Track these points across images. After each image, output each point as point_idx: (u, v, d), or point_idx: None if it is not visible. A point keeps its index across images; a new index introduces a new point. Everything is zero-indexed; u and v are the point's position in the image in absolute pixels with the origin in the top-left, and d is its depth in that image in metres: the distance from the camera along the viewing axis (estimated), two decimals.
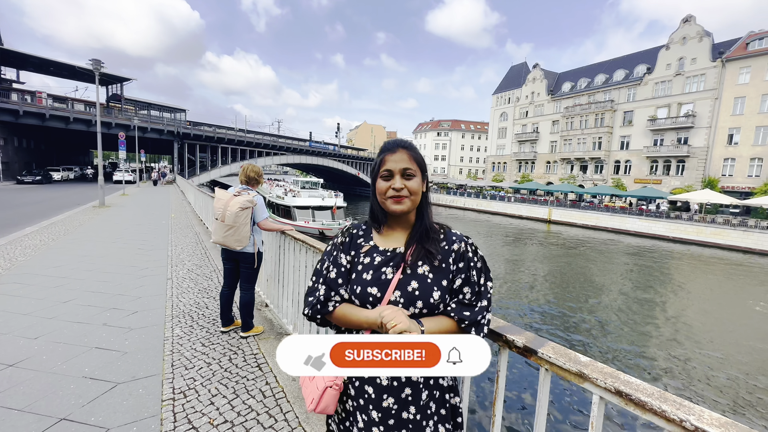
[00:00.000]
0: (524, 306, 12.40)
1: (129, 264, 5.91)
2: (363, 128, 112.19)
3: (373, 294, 1.00)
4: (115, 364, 2.84)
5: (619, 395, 0.87)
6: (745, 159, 31.89)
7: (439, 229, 1.10)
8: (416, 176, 1.04)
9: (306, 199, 23.46)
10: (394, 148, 1.06)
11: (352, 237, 1.11)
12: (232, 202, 3.14)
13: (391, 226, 1.10)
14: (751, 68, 31.67)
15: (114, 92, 44.12)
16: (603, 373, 0.93)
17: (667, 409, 0.78)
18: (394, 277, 1.00)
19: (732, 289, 16.33)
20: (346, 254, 1.08)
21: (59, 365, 2.78)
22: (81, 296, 4.34)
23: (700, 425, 0.73)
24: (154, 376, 2.68)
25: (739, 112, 32.33)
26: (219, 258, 6.48)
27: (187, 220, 11.38)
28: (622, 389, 0.86)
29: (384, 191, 1.04)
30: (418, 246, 1.04)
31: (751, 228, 25.34)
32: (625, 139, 40.68)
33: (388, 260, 1.03)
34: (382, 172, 1.05)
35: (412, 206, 1.05)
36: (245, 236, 3.19)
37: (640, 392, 0.84)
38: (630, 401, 0.84)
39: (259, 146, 47.94)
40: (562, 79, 51.34)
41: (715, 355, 9.15)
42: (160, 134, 38.52)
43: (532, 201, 41.22)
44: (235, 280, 3.47)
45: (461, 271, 1.03)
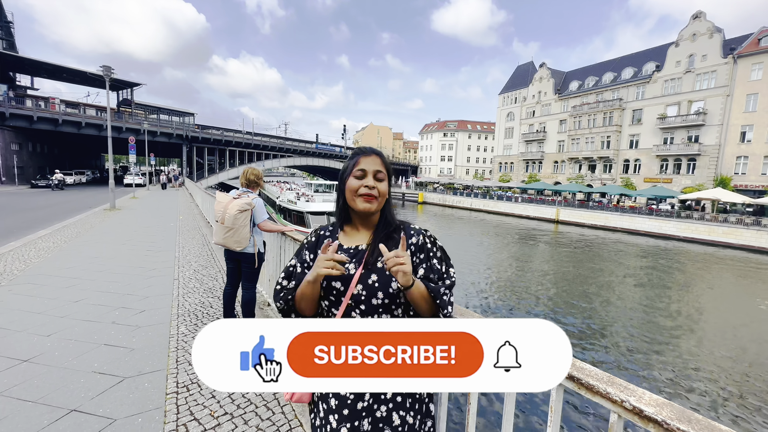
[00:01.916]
0: (531, 304, 12.36)
1: (138, 265, 6.09)
2: (369, 130, 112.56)
3: (336, 288, 1.04)
4: (122, 359, 2.96)
5: (571, 380, 0.93)
6: (759, 157, 31.25)
7: (399, 226, 1.17)
8: (385, 180, 1.13)
9: (321, 204, 21.57)
10: (368, 152, 1.15)
11: (318, 237, 1.18)
12: (231, 205, 3.26)
13: (355, 225, 1.17)
14: (764, 64, 31.06)
15: (124, 97, 45.05)
16: None
17: (612, 392, 0.85)
18: (357, 272, 1.05)
19: (740, 288, 16.05)
20: (312, 252, 1.14)
21: (70, 361, 2.91)
22: (91, 296, 4.50)
23: (638, 405, 0.79)
24: (159, 371, 2.79)
25: (751, 109, 31.72)
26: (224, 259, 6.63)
27: (195, 222, 11.60)
28: (575, 375, 0.93)
29: (356, 189, 1.10)
30: (378, 244, 1.08)
31: (765, 227, 24.83)
32: (634, 138, 40.17)
33: (351, 257, 1.08)
34: (355, 171, 1.11)
35: (378, 207, 1.13)
36: (245, 237, 3.30)
37: (590, 377, 0.91)
38: (581, 386, 0.91)
39: (266, 148, 48.46)
40: (569, 77, 50.91)
41: (714, 350, 9.06)
42: (169, 138, 39.20)
43: (540, 201, 40.90)
44: (238, 279, 3.59)
45: (423, 262, 1.10)
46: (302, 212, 21.02)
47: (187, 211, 14.53)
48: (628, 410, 0.81)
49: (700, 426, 0.72)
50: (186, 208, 15.92)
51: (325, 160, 56.90)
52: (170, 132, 39.11)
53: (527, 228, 33.27)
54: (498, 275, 16.34)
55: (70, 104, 43.07)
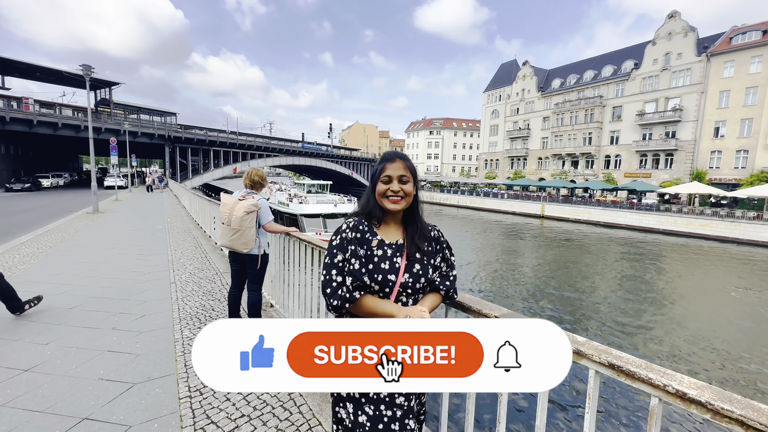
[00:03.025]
0: (520, 294, 12.62)
1: (130, 269, 5.96)
2: (355, 128, 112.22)
3: (391, 279, 1.22)
4: (129, 365, 2.92)
5: (611, 368, 0.99)
6: (731, 151, 32.60)
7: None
8: (410, 181, 1.29)
9: (315, 206, 20.26)
10: (393, 158, 1.31)
11: (361, 233, 1.27)
12: (237, 207, 3.24)
13: (386, 221, 1.33)
14: (735, 62, 32.38)
15: (103, 97, 43.61)
16: (597, 349, 1.06)
17: (653, 377, 0.91)
18: (402, 264, 1.25)
19: (714, 277, 16.82)
20: (361, 247, 1.24)
21: (74, 368, 2.85)
22: (86, 302, 4.39)
23: (680, 388, 0.86)
24: (169, 376, 2.77)
25: (724, 105, 33.04)
26: (220, 261, 6.56)
27: (184, 224, 11.38)
28: (614, 363, 0.99)
29: (383, 192, 1.28)
30: (414, 239, 1.30)
31: (738, 219, 25.94)
32: (615, 134, 41.31)
33: (395, 251, 1.27)
34: (382, 177, 1.28)
35: (406, 206, 1.30)
36: (251, 239, 3.28)
37: (630, 364, 0.97)
38: (622, 373, 0.97)
39: (252, 148, 47.78)
40: (551, 75, 51.89)
41: (687, 333, 9.78)
42: (151, 138, 38.20)
43: (525, 197, 41.67)
44: (243, 281, 3.57)
45: (438, 252, 1.35)
46: (296, 215, 19.62)
47: (174, 214, 14.23)
48: (671, 394, 0.87)
49: (741, 405, 0.79)
50: (173, 210, 15.58)
51: (312, 159, 56.47)
52: (152, 132, 38.10)
53: (514, 224, 33.83)
54: (487, 270, 16.60)
55: (44, 104, 41.46)
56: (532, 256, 20.22)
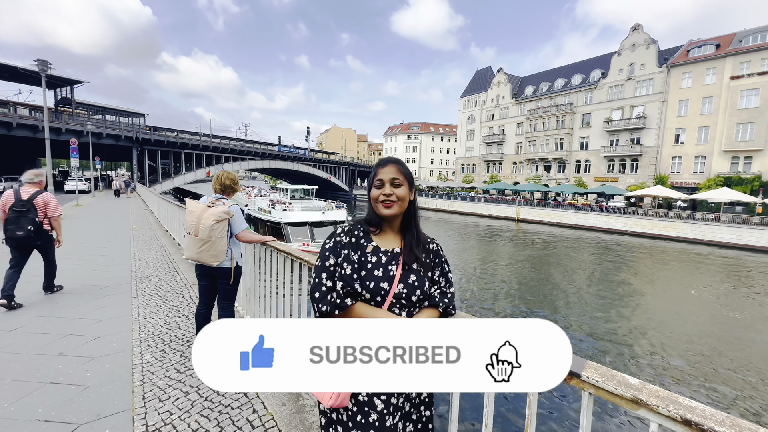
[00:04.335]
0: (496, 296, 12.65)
1: (87, 282, 5.39)
2: (333, 132, 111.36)
3: (384, 288, 1.16)
4: (75, 401, 2.50)
5: (686, 425, 0.78)
6: (690, 157, 34.55)
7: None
8: (403, 185, 1.25)
9: (301, 214, 18.04)
10: (386, 163, 1.27)
11: (356, 237, 1.24)
12: (206, 214, 2.88)
13: (384, 229, 1.28)
14: (692, 73, 34.43)
15: (64, 96, 41.03)
16: (660, 398, 0.85)
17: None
18: (397, 273, 1.19)
19: (676, 277, 17.63)
20: (355, 252, 1.20)
21: (5, 407, 2.40)
22: (31, 322, 3.87)
23: None
24: (123, 413, 2.38)
25: (683, 114, 35.02)
26: (189, 272, 6.07)
27: (151, 231, 10.66)
28: (688, 418, 0.78)
29: (377, 197, 1.25)
30: (412, 247, 1.25)
31: (698, 221, 27.42)
32: (585, 140, 42.93)
33: (390, 259, 1.22)
34: (375, 181, 1.26)
35: (399, 210, 1.25)
36: (222, 251, 2.93)
37: (710, 420, 0.76)
38: (700, 431, 0.76)
39: (226, 151, 46.28)
40: (525, 83, 53.45)
41: (652, 326, 10.40)
42: (117, 140, 36.23)
43: (501, 201, 42.51)
44: (212, 297, 3.21)
45: (437, 265, 1.28)
46: (279, 223, 17.53)
47: (141, 219, 13.37)
48: None
49: None
50: (139, 216, 14.66)
51: (290, 162, 55.36)
52: (118, 134, 36.11)
53: (491, 226, 34.35)
54: (465, 270, 16.62)
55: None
56: (509, 257, 20.48)
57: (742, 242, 24.78)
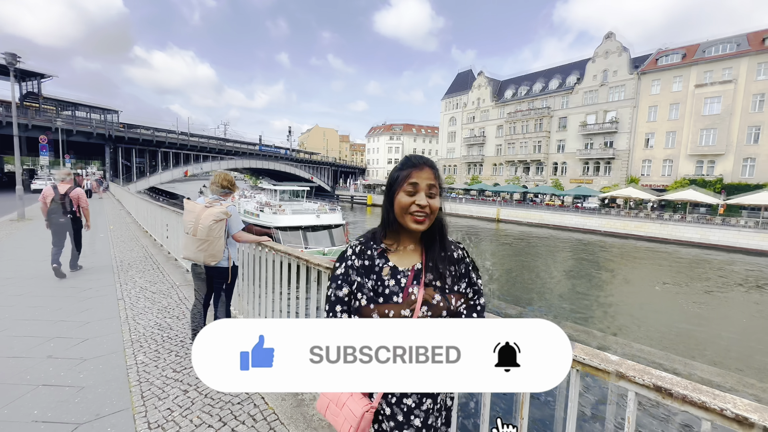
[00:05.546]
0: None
1: (68, 285, 5.26)
2: (315, 131, 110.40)
3: (406, 315, 0.99)
4: (71, 402, 2.50)
5: (657, 390, 0.94)
6: (659, 160, 36.31)
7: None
8: (437, 196, 1.06)
9: (293, 217, 16.84)
10: (420, 164, 1.05)
11: (369, 259, 1.07)
12: (205, 215, 2.93)
13: (402, 242, 1.10)
14: (661, 81, 36.21)
15: (30, 90, 39.03)
16: (636, 370, 1.00)
17: (706, 400, 0.86)
18: (419, 295, 1.01)
19: (642, 274, 18.66)
20: (369, 278, 1.04)
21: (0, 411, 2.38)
22: (13, 326, 3.76)
23: (739, 412, 0.82)
24: (122, 411, 2.40)
25: (653, 119, 36.77)
26: (175, 273, 6.00)
27: (130, 232, 10.38)
28: (659, 384, 0.94)
29: (407, 206, 1.02)
30: (436, 263, 1.06)
31: (666, 221, 28.88)
32: (561, 143, 44.35)
33: (411, 279, 1.04)
34: (406, 186, 1.03)
35: (429, 225, 1.05)
36: (219, 250, 2.98)
37: (677, 386, 0.92)
38: (668, 395, 0.92)
39: (205, 150, 45.23)
40: (504, 86, 54.68)
41: (620, 318, 11.27)
42: (89, 137, 34.83)
43: (482, 201, 43.40)
44: (208, 296, 3.24)
45: (464, 276, 1.09)
46: (269, 227, 16.23)
47: (117, 220, 12.96)
48: (730, 418, 0.83)
49: None
50: (115, 216, 14.20)
51: (271, 162, 54.61)
52: (90, 131, 34.71)
53: (472, 226, 35.03)
54: None
55: None
56: (491, 255, 21.00)
57: (706, 241, 26.27)
